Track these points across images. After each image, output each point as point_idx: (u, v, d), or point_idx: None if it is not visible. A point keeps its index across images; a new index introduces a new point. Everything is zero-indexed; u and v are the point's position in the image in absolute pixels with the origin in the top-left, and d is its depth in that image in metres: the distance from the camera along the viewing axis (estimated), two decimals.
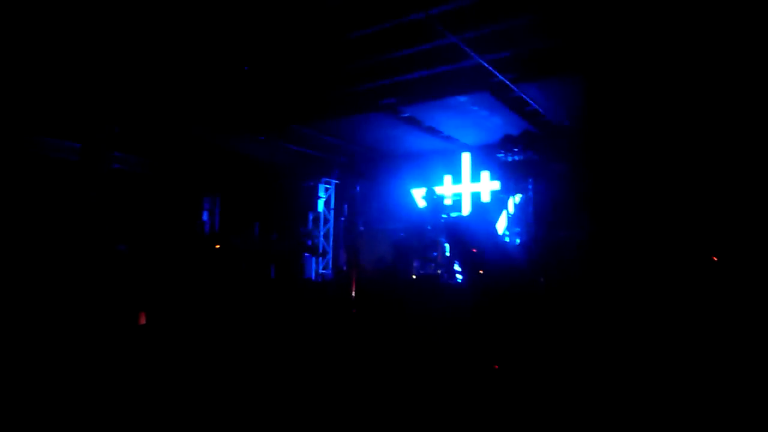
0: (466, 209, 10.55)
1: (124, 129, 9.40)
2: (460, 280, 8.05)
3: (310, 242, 10.17)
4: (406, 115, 9.43)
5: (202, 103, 9.12)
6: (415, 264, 8.21)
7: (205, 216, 11.72)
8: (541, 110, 8.68)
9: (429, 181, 10.82)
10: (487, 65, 7.10)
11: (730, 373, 4.30)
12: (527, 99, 8.26)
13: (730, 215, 7.00)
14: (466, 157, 10.94)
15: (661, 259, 6.96)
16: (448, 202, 10.30)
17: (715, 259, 6.84)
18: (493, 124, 9.42)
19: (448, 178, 11.15)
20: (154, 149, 10.94)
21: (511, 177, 8.45)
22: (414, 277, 7.89)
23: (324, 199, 11.61)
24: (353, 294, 7.05)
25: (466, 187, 10.86)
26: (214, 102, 9.17)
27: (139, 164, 11.08)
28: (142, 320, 6.89)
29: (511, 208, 8.88)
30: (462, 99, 8.38)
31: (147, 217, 10.51)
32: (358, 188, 6.40)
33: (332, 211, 11.94)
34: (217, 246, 9.22)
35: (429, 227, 8.64)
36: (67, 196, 8.77)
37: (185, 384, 4.69)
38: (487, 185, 10.58)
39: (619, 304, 5.98)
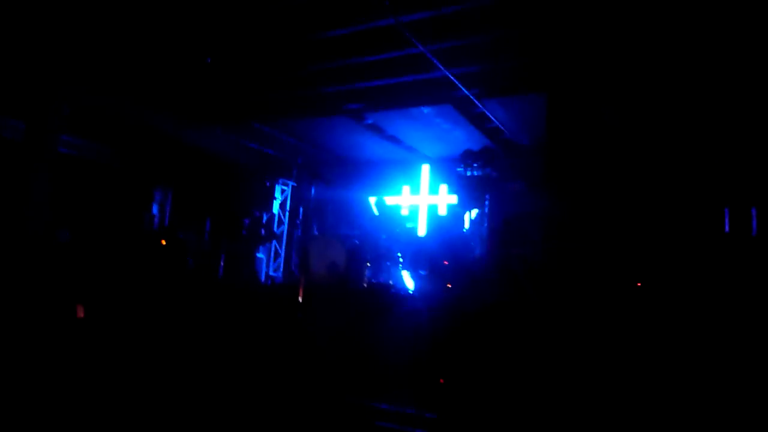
0: (422, 220, 10.56)
1: (74, 111, 9.00)
2: (411, 291, 8.01)
3: (263, 231, 9.93)
4: (370, 122, 9.41)
5: (160, 91, 8.84)
6: (367, 272, 8.12)
7: (155, 209, 11.33)
8: (502, 128, 8.80)
9: (386, 190, 10.80)
10: (452, 78, 7.15)
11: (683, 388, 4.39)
12: (490, 115, 8.36)
13: (677, 236, 7.20)
14: (425, 169, 10.98)
15: (610, 283, 7.09)
16: (404, 212, 10.28)
17: (639, 285, 7.03)
18: (455, 138, 9.51)
19: (406, 189, 11.15)
20: (106, 135, 10.52)
21: (468, 192, 8.46)
22: (365, 285, 7.80)
23: (280, 201, 11.43)
24: (300, 298, 6.91)
25: (423, 199, 10.88)
26: (173, 91, 8.90)
27: (89, 150, 10.63)
28: (80, 313, 6.60)
29: (466, 223, 8.91)
30: (426, 110, 8.44)
31: (93, 206, 10.10)
32: (314, 191, 6.30)
33: (287, 213, 11.77)
34: (163, 241, 8.92)
35: (383, 236, 8.57)
36: (6, 178, 8.32)
37: (115, 381, 4.49)
38: (445, 198, 10.63)
39: (567, 324, 6.05)
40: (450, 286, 7.34)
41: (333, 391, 4.64)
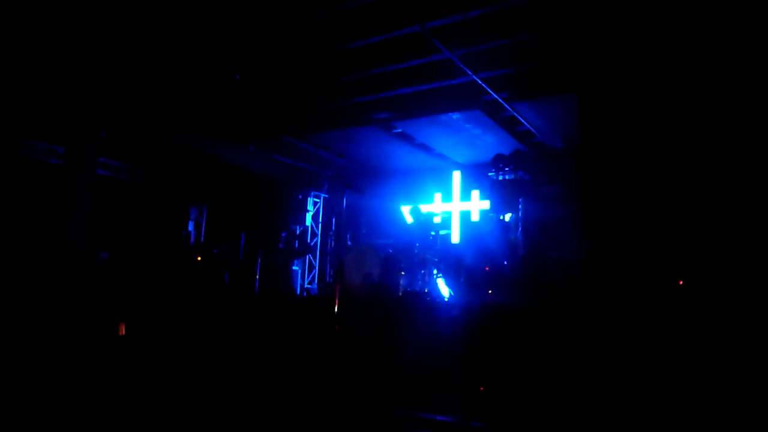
0: (455, 227, 10.48)
1: (111, 134, 9.25)
2: (447, 299, 7.94)
3: (297, 244, 9.98)
4: (399, 130, 9.42)
5: (192, 110, 9.02)
6: (402, 281, 8.08)
7: (190, 226, 11.54)
8: (533, 130, 8.68)
9: (418, 198, 10.77)
10: (480, 82, 7.09)
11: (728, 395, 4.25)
12: (520, 118, 8.26)
13: (723, 238, 6.97)
14: (456, 176, 10.93)
15: (653, 284, 6.91)
16: (437, 219, 10.22)
17: (681, 283, 6.82)
18: (485, 143, 9.43)
19: (438, 196, 11.13)
20: (142, 156, 10.80)
21: (501, 196, 8.39)
22: (401, 293, 7.76)
23: (312, 213, 11.50)
24: (336, 309, 6.90)
25: (456, 206, 10.83)
26: (204, 110, 9.08)
27: (125, 171, 10.93)
28: (122, 331, 6.74)
29: (501, 228, 8.80)
30: (455, 116, 8.39)
31: (131, 225, 10.34)
32: (345, 202, 6.29)
33: (320, 225, 11.82)
34: (199, 258, 9.05)
35: (417, 244, 8.52)
36: (49, 200, 8.59)
37: (162, 398, 4.55)
38: (477, 204, 10.56)
39: (611, 326, 5.92)
40: (491, 292, 7.27)
41: (371, 400, 4.61)
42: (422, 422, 4.16)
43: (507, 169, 8.41)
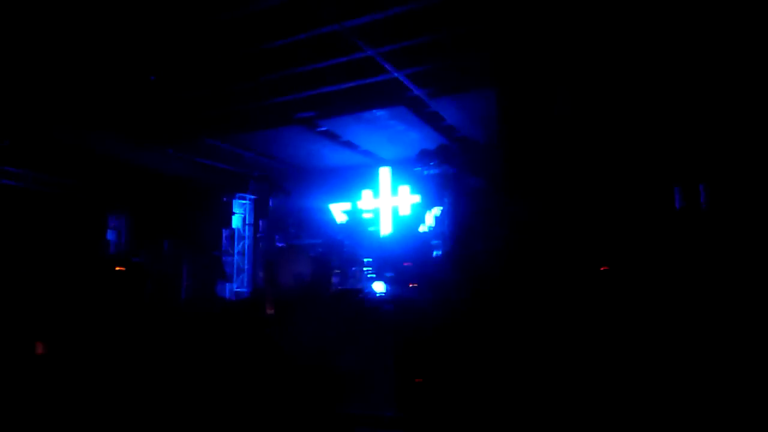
0: (385, 224, 10.58)
1: (15, 142, 8.72)
2: (379, 295, 8.01)
3: (226, 258, 9.83)
4: (324, 129, 9.41)
5: (106, 114, 8.64)
6: (334, 280, 8.09)
7: (110, 235, 11.06)
8: (456, 126, 8.89)
9: (346, 196, 10.81)
10: (403, 79, 7.20)
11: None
12: (443, 114, 8.45)
13: (633, 226, 7.39)
14: (384, 172, 11.04)
15: (571, 271, 7.23)
16: (367, 216, 10.30)
17: (605, 269, 7.20)
18: (411, 139, 9.56)
19: (367, 193, 11.18)
20: (53, 164, 10.23)
21: (429, 190, 8.56)
22: (333, 292, 7.76)
23: (240, 215, 11.28)
24: (268, 312, 6.84)
25: (385, 202, 10.94)
26: (119, 113, 8.71)
27: (36, 180, 10.32)
28: (40, 350, 6.39)
29: (429, 221, 8.99)
30: (379, 113, 8.47)
31: (45, 237, 9.78)
32: (273, 203, 6.25)
33: (248, 227, 11.62)
34: (118, 267, 8.69)
35: (347, 242, 8.56)
36: None
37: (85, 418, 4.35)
38: (407, 199, 10.71)
39: (536, 316, 6.14)
40: (414, 285, 7.37)
41: (308, 401, 4.61)
42: (357, 419, 4.20)
43: (432, 164, 8.59)
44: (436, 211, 9.09)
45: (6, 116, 8.06)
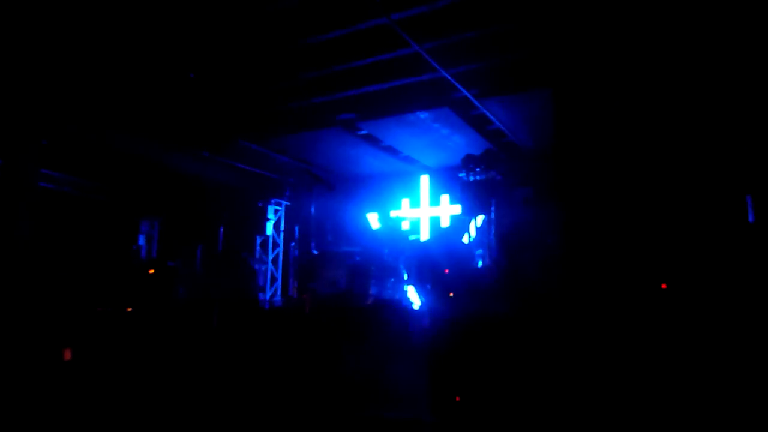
0: (424, 234, 10.41)
1: (52, 143, 8.86)
2: (418, 307, 7.80)
3: (259, 266, 9.81)
4: (364, 132, 9.31)
5: (141, 115, 8.71)
6: (371, 289, 7.93)
7: (141, 240, 11.15)
8: (504, 129, 8.70)
9: (385, 204, 10.69)
10: (449, 78, 7.05)
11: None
12: (490, 117, 8.27)
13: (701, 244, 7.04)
14: (425, 180, 10.93)
15: (626, 283, 6.92)
16: (405, 225, 10.12)
17: (665, 287, 6.86)
18: (454, 143, 9.42)
19: (405, 202, 11.11)
20: (88, 167, 10.40)
21: (472, 198, 8.33)
22: (370, 302, 7.61)
23: (273, 222, 11.27)
24: (302, 321, 6.72)
25: (424, 211, 10.83)
26: (154, 115, 8.77)
27: (69, 183, 10.49)
28: (67, 356, 6.39)
29: (472, 231, 8.76)
30: (423, 115, 8.34)
31: (77, 241, 9.91)
32: (313, 204, 6.16)
33: (282, 234, 11.60)
34: (151, 270, 8.72)
35: (386, 251, 8.39)
36: None
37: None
38: (447, 209, 10.58)
39: (588, 332, 5.87)
40: (452, 295, 7.16)
41: (344, 407, 4.51)
42: (392, 423, 4.11)
43: (478, 169, 8.36)
44: (480, 220, 8.85)
45: (42, 115, 8.19)
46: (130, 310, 7.90)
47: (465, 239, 8.92)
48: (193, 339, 6.41)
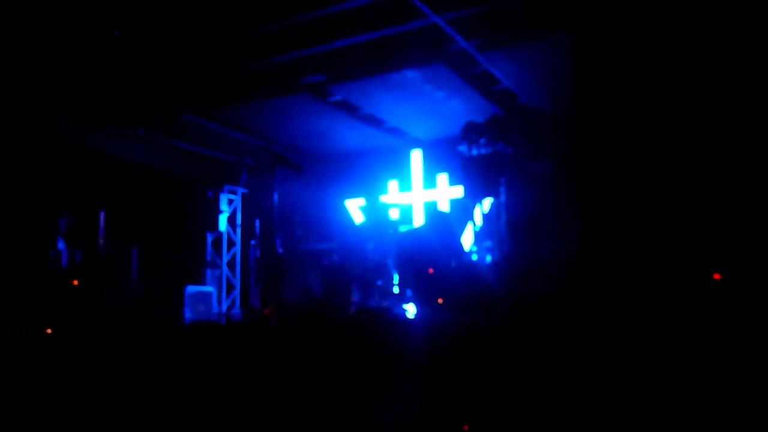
0: (418, 222, 10.31)
1: None
2: (413, 315, 7.71)
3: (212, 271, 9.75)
4: (338, 97, 9.21)
5: (54, 86, 8.54)
6: (354, 296, 7.82)
7: (60, 244, 10.91)
8: (513, 89, 8.65)
9: (368, 188, 10.59)
10: (443, 25, 6.93)
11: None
12: (496, 74, 8.20)
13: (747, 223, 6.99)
14: (416, 156, 10.87)
15: (671, 277, 6.86)
16: (394, 214, 10.00)
17: (717, 277, 6.83)
18: (452, 109, 9.35)
19: (393, 185, 11.08)
20: None
21: (476, 176, 8.21)
22: (353, 312, 7.50)
23: (228, 214, 11.17)
24: (271, 339, 6.60)
25: (417, 195, 10.79)
26: (71, 85, 8.58)
27: None
28: None
29: (478, 219, 8.63)
30: (411, 74, 8.23)
31: None
32: (276, 197, 5.98)
33: (239, 230, 11.48)
34: (75, 282, 8.57)
35: (371, 246, 8.27)
36: None
37: None
38: (446, 192, 10.53)
39: (622, 335, 5.79)
40: (441, 302, 7.05)
41: None
42: None
43: (482, 140, 8.23)
44: (487, 204, 8.75)
45: None
46: (49, 331, 7.78)
47: (467, 233, 8.84)
48: (128, 368, 6.25)
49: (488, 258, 8.26)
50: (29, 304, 8.54)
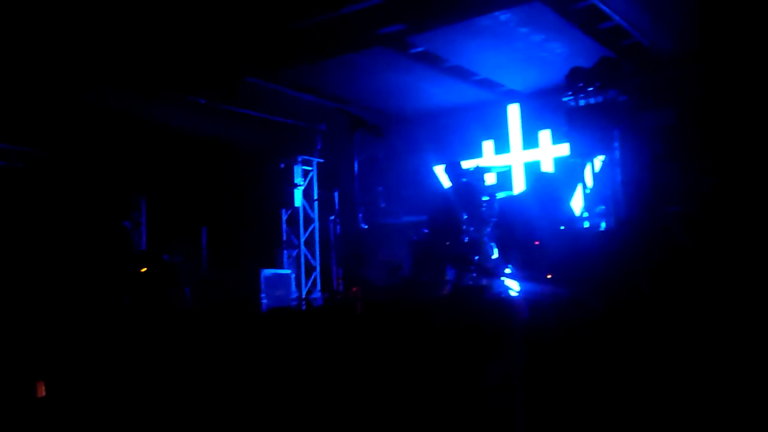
0: (519, 188, 10.28)
1: None
2: (516, 294, 7.75)
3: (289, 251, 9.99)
4: (420, 49, 9.23)
5: (107, 53, 8.84)
6: (448, 274, 7.93)
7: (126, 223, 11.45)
8: (626, 26, 8.48)
9: (459, 151, 10.63)
10: None
11: None
12: (604, 9, 8.04)
13: None
14: (514, 111, 10.84)
15: None
16: (490, 179, 10.02)
17: None
18: (553, 54, 9.30)
19: (488, 145, 11.08)
20: (39, 133, 10.66)
21: (586, 131, 8.14)
22: (447, 292, 7.60)
23: (303, 188, 11.36)
24: (357, 325, 6.79)
25: (516, 156, 10.78)
26: (125, 51, 8.89)
27: (20, 157, 10.80)
28: (41, 392, 6.69)
29: (588, 180, 8.57)
30: (503, 17, 8.19)
31: (37, 238, 10.25)
32: (357, 166, 6.09)
33: (316, 205, 11.68)
34: (143, 269, 8.98)
35: (465, 217, 8.33)
36: None
37: None
38: (549, 151, 10.50)
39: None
40: (550, 277, 7.06)
41: None
42: None
43: (591, 88, 8.16)
44: (598, 163, 8.68)
45: None
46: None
47: (576, 198, 8.80)
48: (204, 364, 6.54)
49: (602, 225, 8.21)
50: (98, 293, 9.00)
